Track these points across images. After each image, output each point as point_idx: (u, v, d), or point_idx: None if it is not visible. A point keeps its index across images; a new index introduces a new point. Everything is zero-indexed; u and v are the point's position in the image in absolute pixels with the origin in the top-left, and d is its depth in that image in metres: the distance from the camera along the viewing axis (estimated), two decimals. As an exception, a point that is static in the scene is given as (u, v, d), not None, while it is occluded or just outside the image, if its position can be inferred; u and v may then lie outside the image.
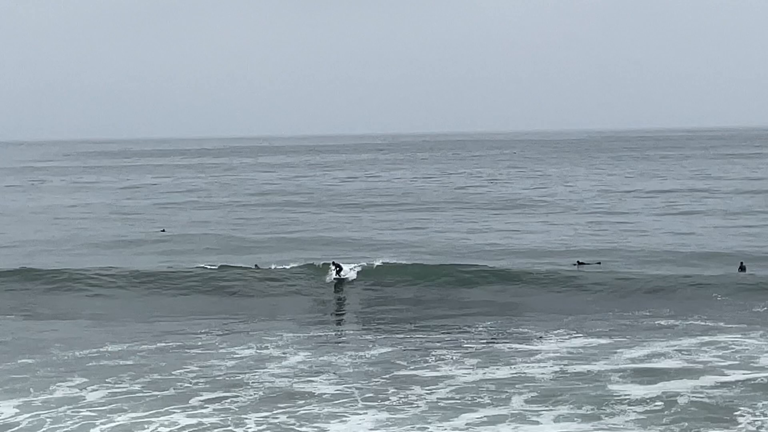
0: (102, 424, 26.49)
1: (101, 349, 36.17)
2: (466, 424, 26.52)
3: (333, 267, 48.15)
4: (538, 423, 26.54)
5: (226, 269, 50.48)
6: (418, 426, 26.24)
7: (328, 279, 47.58)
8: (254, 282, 48.54)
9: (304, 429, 26.05)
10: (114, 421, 26.73)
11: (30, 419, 27.04)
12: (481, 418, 27.04)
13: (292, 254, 55.19)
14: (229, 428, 25.89)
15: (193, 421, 26.87)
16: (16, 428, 26.23)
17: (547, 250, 58.85)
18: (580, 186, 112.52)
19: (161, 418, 27.05)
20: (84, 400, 28.98)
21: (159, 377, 31.62)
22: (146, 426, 26.32)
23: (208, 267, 49.96)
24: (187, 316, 42.61)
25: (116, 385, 30.70)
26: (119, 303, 45.27)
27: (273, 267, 49.77)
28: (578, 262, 52.58)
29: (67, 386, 30.52)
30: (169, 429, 26.28)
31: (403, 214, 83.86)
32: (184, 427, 26.35)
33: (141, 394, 29.79)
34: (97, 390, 30.17)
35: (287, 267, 49.74)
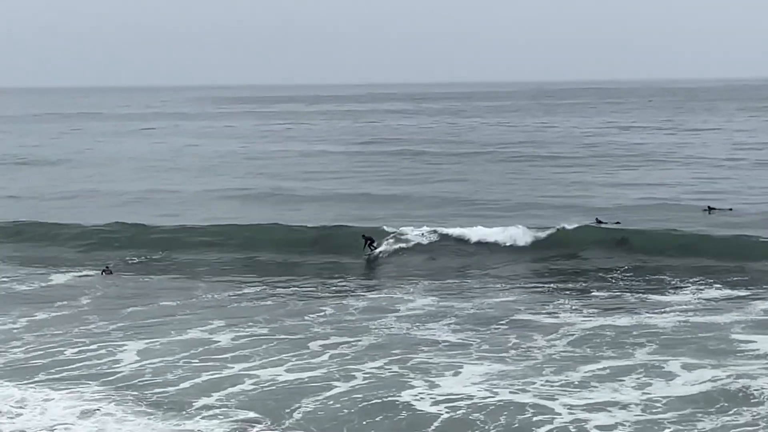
0: (221, 368, 25.51)
1: (239, 292, 35.89)
2: (584, 378, 24.60)
3: (364, 240, 42.82)
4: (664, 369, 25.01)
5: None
6: (533, 380, 24.43)
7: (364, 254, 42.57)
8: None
9: (414, 382, 24.43)
10: (232, 367, 25.68)
11: (163, 360, 26.26)
12: (603, 369, 25.30)
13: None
14: (337, 379, 24.57)
15: (306, 367, 25.70)
16: (150, 367, 25.45)
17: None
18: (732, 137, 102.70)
19: (276, 369, 25.62)
20: (216, 343, 28.20)
21: (291, 322, 30.92)
22: (257, 375, 25.08)
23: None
24: (322, 264, 41.30)
25: (247, 329, 30.00)
26: (265, 249, 43.67)
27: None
28: (708, 207, 50.24)
29: (200, 330, 29.84)
30: (280, 376, 25.04)
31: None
32: (298, 373, 25.12)
33: (268, 338, 28.98)
34: (227, 333, 29.51)
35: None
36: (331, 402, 23.09)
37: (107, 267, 40.53)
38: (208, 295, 35.24)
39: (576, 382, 24.30)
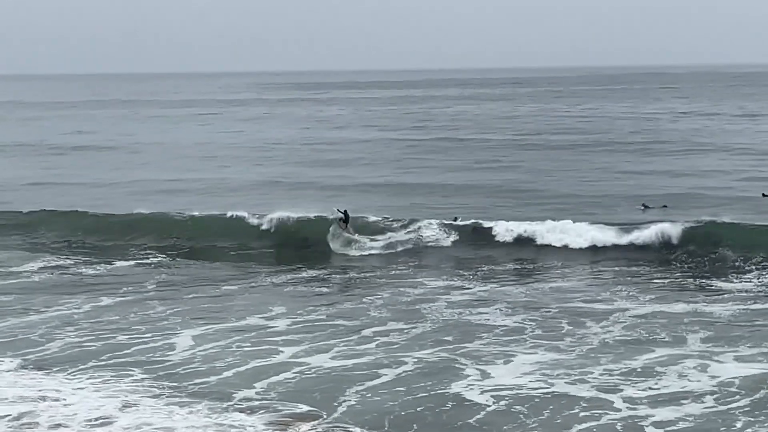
0: (270, 355, 24.78)
1: (299, 277, 35.36)
2: (640, 367, 23.62)
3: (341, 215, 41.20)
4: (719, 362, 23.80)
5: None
6: (587, 370, 23.38)
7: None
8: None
9: (465, 370, 23.45)
10: (282, 354, 24.94)
11: (215, 347, 25.64)
12: (659, 358, 24.31)
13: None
14: (386, 366, 23.74)
15: (355, 354, 24.91)
16: (200, 355, 24.88)
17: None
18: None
19: (325, 356, 24.89)
20: (271, 329, 27.55)
21: (347, 307, 30.22)
22: (306, 362, 24.31)
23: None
24: (381, 248, 40.00)
25: (303, 315, 29.38)
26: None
27: None
28: (763, 194, 48.48)
29: (258, 315, 29.17)
30: (329, 363, 24.27)
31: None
32: (346, 360, 24.34)
33: (323, 324, 28.25)
34: (283, 319, 28.87)
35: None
36: (376, 392, 22.10)
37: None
38: (268, 280, 34.65)
39: (632, 372, 23.20)
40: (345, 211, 41.30)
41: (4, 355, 24.97)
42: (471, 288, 33.01)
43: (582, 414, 20.65)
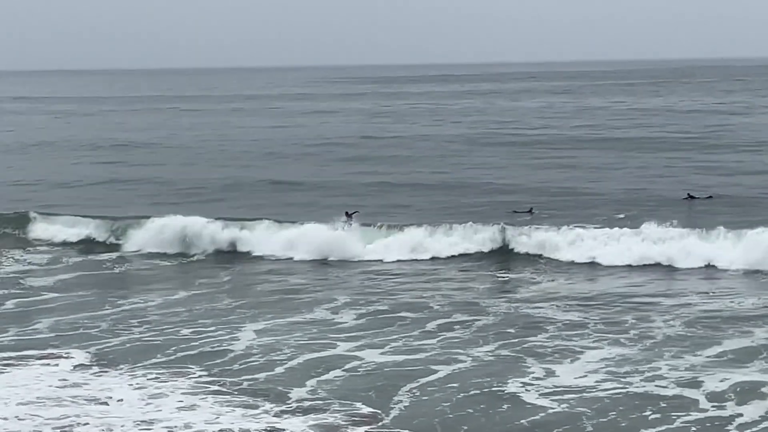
0: (329, 349, 23.80)
1: (368, 269, 34.45)
2: (707, 362, 22.31)
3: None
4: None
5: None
6: (654, 366, 22.08)
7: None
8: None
9: (531, 369, 22.15)
10: (340, 349, 24.00)
11: (276, 342, 24.66)
12: (726, 353, 23.00)
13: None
14: (442, 363, 22.59)
15: (416, 349, 23.83)
16: (260, 350, 23.92)
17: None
18: None
19: (384, 351, 23.90)
20: (335, 323, 26.66)
21: (413, 300, 29.16)
22: (362, 357, 23.31)
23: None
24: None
25: (370, 307, 28.51)
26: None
27: None
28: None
29: (324, 308, 28.36)
30: (387, 359, 23.21)
31: None
32: (405, 355, 23.24)
33: (388, 317, 27.25)
34: (348, 311, 28.00)
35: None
36: (432, 391, 20.87)
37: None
38: (338, 273, 33.82)
39: (702, 367, 21.84)
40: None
41: (69, 348, 24.23)
42: (539, 282, 31.83)
43: (652, 417, 19.15)
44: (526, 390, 20.81)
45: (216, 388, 21.16)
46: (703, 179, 50.98)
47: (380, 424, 19.06)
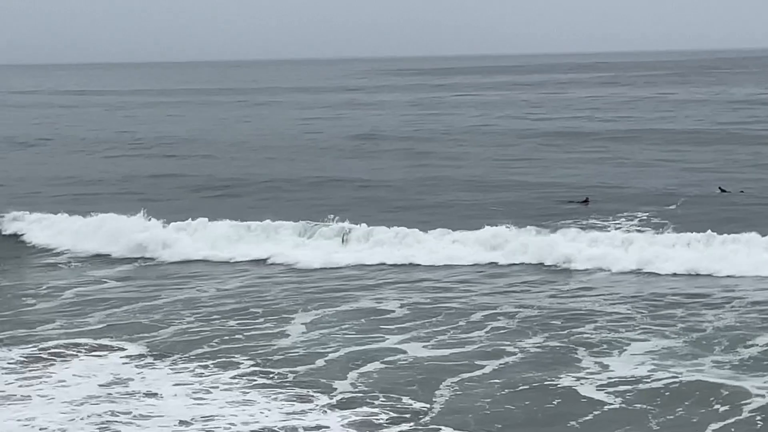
0: (373, 342, 23.30)
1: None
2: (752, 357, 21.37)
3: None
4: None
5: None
6: (698, 361, 21.28)
7: None
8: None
9: (584, 361, 21.47)
10: (384, 341, 23.48)
11: (321, 334, 24.22)
12: None
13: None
14: (488, 356, 21.94)
15: (461, 342, 23.26)
16: (305, 343, 23.48)
17: None
18: None
19: (427, 343, 23.30)
20: (381, 314, 26.14)
21: (459, 293, 28.53)
22: (405, 350, 22.72)
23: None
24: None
25: (416, 297, 27.94)
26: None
27: None
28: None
29: (371, 298, 27.96)
30: (430, 351, 22.64)
31: None
32: (449, 349, 22.65)
33: (433, 308, 26.54)
34: (394, 302, 27.43)
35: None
36: (477, 385, 20.21)
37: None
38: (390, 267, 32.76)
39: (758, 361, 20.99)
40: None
41: (119, 340, 23.83)
42: (593, 272, 31.01)
43: (722, 410, 18.40)
44: (581, 383, 20.18)
45: (264, 380, 20.67)
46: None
47: (428, 418, 18.49)
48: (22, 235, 37.73)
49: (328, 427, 17.90)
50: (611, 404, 19.04)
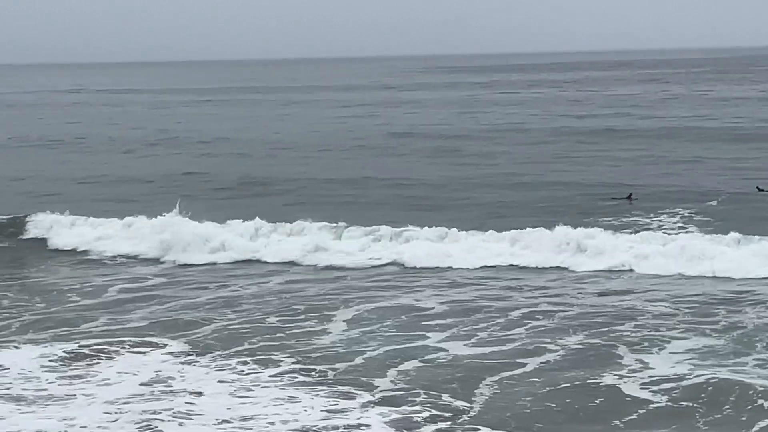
0: (412, 340, 23.10)
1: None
2: None
3: None
4: None
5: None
6: (740, 360, 20.95)
7: None
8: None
9: (625, 359, 21.27)
10: (423, 338, 23.23)
11: (360, 332, 24.10)
12: None
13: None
14: (529, 354, 21.77)
15: (500, 340, 23.04)
16: (344, 341, 23.43)
17: None
18: None
19: (466, 342, 23.07)
20: (419, 311, 25.92)
21: (497, 291, 28.25)
22: (445, 348, 22.48)
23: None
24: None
25: (455, 294, 27.74)
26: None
27: None
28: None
29: (409, 294, 27.88)
30: (469, 349, 22.40)
31: None
32: (488, 347, 22.42)
33: (474, 306, 26.34)
34: (433, 299, 27.18)
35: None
36: (518, 383, 20.02)
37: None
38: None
39: None
40: None
41: (162, 337, 23.79)
42: (631, 271, 30.63)
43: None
44: (623, 381, 19.89)
45: (304, 378, 20.57)
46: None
47: (468, 417, 18.30)
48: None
49: (369, 426, 17.71)
50: (657, 403, 18.76)
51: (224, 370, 21.22)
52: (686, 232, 35.05)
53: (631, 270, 30.56)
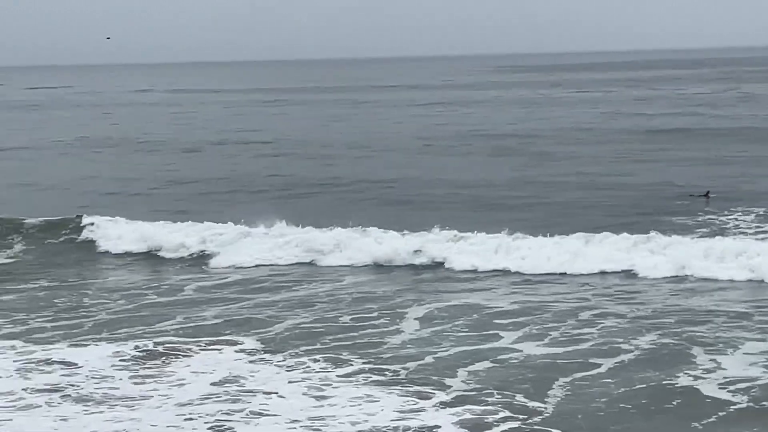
0: (482, 341, 22.71)
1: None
2: None
3: None
4: None
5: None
6: None
7: None
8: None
9: (698, 359, 20.88)
10: (493, 337, 22.95)
11: (430, 331, 23.91)
12: None
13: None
14: (603, 355, 21.31)
15: (571, 340, 22.60)
16: (415, 339, 23.18)
17: None
18: None
19: (537, 342, 22.79)
20: (490, 309, 25.72)
21: (574, 291, 27.96)
22: (515, 348, 22.18)
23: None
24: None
25: (527, 294, 27.68)
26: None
27: None
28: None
29: (480, 293, 27.76)
30: (540, 350, 22.09)
31: None
32: (560, 347, 22.11)
33: (544, 305, 26.10)
34: (504, 299, 26.95)
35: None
36: (591, 385, 19.64)
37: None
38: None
39: None
40: None
41: (237, 335, 23.77)
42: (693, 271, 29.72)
43: None
44: (699, 382, 19.48)
45: (377, 377, 20.36)
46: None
47: (541, 418, 18.03)
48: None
49: (440, 426, 17.47)
50: (738, 404, 18.33)
51: (297, 369, 21.16)
52: (761, 231, 34.23)
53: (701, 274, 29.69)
